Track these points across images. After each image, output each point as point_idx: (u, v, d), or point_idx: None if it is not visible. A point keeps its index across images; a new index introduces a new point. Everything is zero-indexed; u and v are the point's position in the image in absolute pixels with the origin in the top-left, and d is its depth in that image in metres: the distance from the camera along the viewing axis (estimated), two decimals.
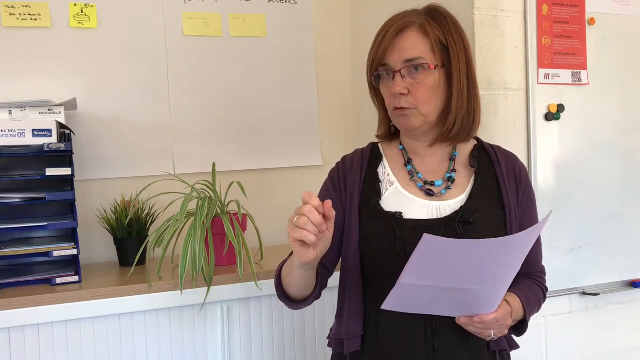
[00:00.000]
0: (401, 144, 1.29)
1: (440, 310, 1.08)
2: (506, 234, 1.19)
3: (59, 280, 1.61)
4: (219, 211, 1.71)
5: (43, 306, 1.49)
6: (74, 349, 1.52)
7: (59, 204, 1.75)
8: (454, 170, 1.25)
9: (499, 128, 1.69)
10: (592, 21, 1.78)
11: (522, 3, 1.71)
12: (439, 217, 1.18)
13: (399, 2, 1.29)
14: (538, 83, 1.73)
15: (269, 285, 1.65)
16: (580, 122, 1.78)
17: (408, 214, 1.19)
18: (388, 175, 1.26)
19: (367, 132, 1.63)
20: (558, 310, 1.78)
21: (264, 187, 2.17)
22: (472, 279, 1.00)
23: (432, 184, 1.23)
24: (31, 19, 1.94)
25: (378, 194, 1.23)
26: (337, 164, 1.32)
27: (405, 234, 1.16)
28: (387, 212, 1.19)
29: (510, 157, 1.29)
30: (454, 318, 1.09)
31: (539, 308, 1.27)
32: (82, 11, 2.00)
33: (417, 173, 1.24)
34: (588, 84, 1.79)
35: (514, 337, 1.26)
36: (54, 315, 1.49)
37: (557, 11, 1.74)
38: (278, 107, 2.25)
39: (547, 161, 1.74)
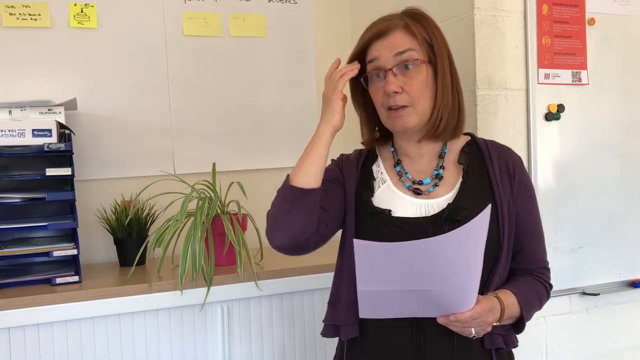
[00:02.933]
0: (393, 146, 1.32)
1: (419, 312, 1.09)
2: (498, 230, 1.20)
3: (59, 280, 1.61)
4: (219, 211, 1.71)
5: (43, 306, 1.49)
6: (74, 349, 1.52)
7: (59, 204, 1.75)
8: (442, 168, 1.25)
9: (499, 128, 1.69)
10: (592, 21, 1.78)
11: (522, 3, 1.71)
12: (427, 215, 1.20)
13: (398, 2, 1.29)
14: (538, 83, 1.72)
15: (269, 285, 1.65)
16: (580, 122, 1.78)
17: (397, 212, 1.21)
18: (382, 173, 1.29)
19: None
20: (558, 310, 1.78)
21: (264, 187, 2.17)
22: (424, 280, 0.99)
23: (420, 182, 1.25)
24: (31, 19, 1.94)
25: (371, 190, 1.26)
26: (338, 156, 1.36)
27: (393, 231, 1.18)
28: (376, 208, 1.22)
29: (503, 151, 1.28)
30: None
31: (540, 305, 1.26)
32: (82, 11, 2.00)
33: (406, 173, 1.27)
34: (588, 84, 1.79)
35: (516, 334, 1.25)
36: (54, 315, 1.49)
37: (557, 11, 1.74)
38: (278, 107, 2.24)
39: (547, 161, 1.74)
